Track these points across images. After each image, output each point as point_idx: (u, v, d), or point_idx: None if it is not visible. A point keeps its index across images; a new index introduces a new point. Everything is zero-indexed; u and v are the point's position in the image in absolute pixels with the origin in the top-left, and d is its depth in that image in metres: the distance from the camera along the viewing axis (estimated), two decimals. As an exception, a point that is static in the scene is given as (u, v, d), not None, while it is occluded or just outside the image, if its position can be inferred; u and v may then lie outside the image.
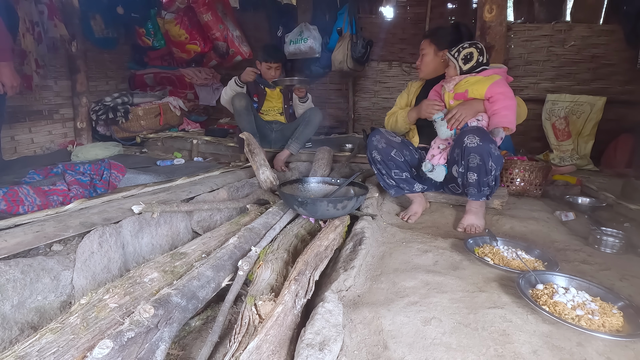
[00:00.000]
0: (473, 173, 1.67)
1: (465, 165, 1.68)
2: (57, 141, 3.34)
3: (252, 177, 2.36)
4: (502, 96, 1.69)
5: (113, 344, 0.81)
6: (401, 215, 1.91)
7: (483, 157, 1.61)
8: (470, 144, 1.62)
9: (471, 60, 1.76)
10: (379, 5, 4.19)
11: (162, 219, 1.64)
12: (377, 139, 1.90)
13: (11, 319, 1.08)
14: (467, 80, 1.77)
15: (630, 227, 1.82)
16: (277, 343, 0.90)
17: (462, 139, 1.64)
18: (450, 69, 1.82)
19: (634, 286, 1.24)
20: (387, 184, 1.95)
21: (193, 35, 4.05)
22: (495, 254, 1.41)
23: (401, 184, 1.92)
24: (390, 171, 1.90)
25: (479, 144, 1.60)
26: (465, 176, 1.71)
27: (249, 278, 1.27)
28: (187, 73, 4.30)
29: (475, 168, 1.65)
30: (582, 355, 0.90)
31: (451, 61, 1.81)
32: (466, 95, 1.77)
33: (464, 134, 1.66)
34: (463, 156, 1.66)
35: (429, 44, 1.97)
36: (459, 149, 1.67)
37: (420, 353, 0.90)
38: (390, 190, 1.96)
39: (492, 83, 1.71)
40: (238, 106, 2.72)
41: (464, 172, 1.70)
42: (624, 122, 3.22)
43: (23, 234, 1.23)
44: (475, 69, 1.77)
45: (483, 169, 1.64)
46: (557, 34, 3.47)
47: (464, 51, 1.77)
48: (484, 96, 1.73)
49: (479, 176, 1.66)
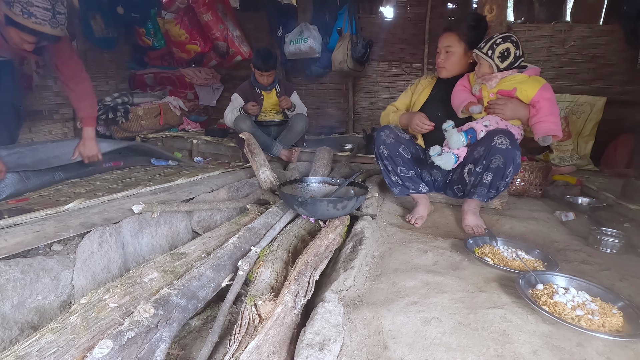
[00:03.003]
0: (490, 174, 1.65)
1: (485, 164, 1.65)
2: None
3: (252, 177, 2.36)
4: (550, 103, 1.62)
5: (113, 343, 0.81)
6: (407, 218, 1.85)
7: (506, 161, 1.60)
8: (500, 144, 1.59)
9: (509, 57, 1.63)
10: (379, 5, 4.19)
11: (162, 219, 1.64)
12: (386, 134, 1.85)
13: (11, 318, 1.08)
14: (514, 77, 1.67)
15: (630, 227, 1.82)
16: (277, 343, 0.90)
17: (492, 137, 1.61)
18: (484, 67, 1.69)
19: (634, 286, 1.24)
20: (393, 181, 1.91)
21: (193, 35, 4.05)
22: (495, 254, 1.41)
23: (407, 182, 1.87)
24: (397, 168, 1.85)
25: (508, 147, 1.59)
26: (480, 176, 1.68)
27: (249, 278, 1.27)
28: (187, 73, 4.30)
29: (494, 169, 1.63)
30: (582, 355, 0.90)
31: (484, 60, 1.67)
32: (513, 93, 1.67)
33: (494, 133, 1.62)
34: (487, 155, 1.63)
35: (457, 41, 1.79)
36: (483, 147, 1.64)
37: (420, 353, 0.90)
38: (395, 188, 1.92)
39: (542, 87, 1.63)
40: (246, 129, 2.70)
41: (481, 171, 1.67)
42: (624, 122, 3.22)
43: (23, 234, 1.23)
44: (514, 65, 1.66)
45: (501, 173, 1.63)
46: (557, 34, 3.47)
47: (498, 48, 1.63)
48: (530, 98, 1.64)
49: (493, 178, 1.65)
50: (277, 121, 3.03)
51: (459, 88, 1.83)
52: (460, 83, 1.84)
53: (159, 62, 4.45)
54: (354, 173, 2.29)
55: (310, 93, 4.46)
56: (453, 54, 1.82)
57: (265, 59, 2.83)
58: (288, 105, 2.95)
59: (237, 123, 2.78)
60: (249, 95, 2.97)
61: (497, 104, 1.69)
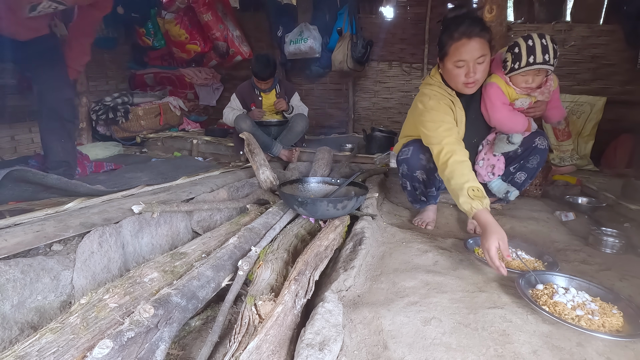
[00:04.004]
0: (524, 173, 1.69)
1: (521, 164, 1.68)
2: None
3: (252, 177, 2.36)
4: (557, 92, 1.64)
5: (113, 343, 0.81)
6: (416, 222, 1.82)
7: (541, 161, 1.65)
8: (541, 145, 1.64)
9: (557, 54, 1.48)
10: (379, 5, 4.19)
11: (162, 219, 1.64)
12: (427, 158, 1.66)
13: (11, 318, 1.08)
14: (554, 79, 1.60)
15: (630, 227, 1.82)
16: (277, 343, 0.90)
17: (534, 138, 1.64)
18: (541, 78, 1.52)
19: (634, 286, 1.24)
20: (418, 199, 1.83)
21: (193, 35, 4.05)
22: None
23: (430, 200, 1.83)
24: (427, 190, 1.78)
25: (546, 147, 1.64)
26: (512, 176, 1.71)
27: (249, 278, 1.27)
28: (187, 73, 4.31)
29: (529, 169, 1.67)
30: (582, 355, 0.90)
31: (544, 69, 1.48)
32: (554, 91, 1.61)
33: (536, 135, 1.65)
34: (527, 155, 1.66)
35: (488, 47, 1.47)
36: (525, 147, 1.65)
37: (420, 353, 0.90)
38: (417, 205, 1.87)
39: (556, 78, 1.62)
40: (246, 129, 2.71)
41: (515, 171, 1.70)
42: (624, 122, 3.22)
43: (23, 234, 1.23)
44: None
45: (533, 172, 1.68)
46: (557, 34, 3.47)
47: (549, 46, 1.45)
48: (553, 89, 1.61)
49: (526, 178, 1.69)
50: (277, 121, 3.03)
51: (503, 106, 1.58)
52: (497, 99, 1.57)
53: (159, 62, 4.45)
54: (354, 173, 2.29)
55: (310, 93, 4.45)
56: (486, 63, 1.48)
57: (262, 67, 2.86)
58: (283, 107, 2.96)
59: (237, 122, 2.79)
60: (248, 95, 2.99)
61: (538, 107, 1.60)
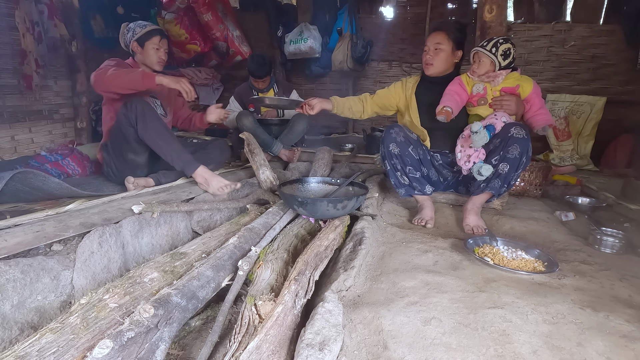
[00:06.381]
0: (506, 164, 1.68)
1: (502, 155, 1.68)
2: (57, 141, 3.33)
3: (252, 177, 2.35)
4: (539, 98, 1.80)
5: (113, 343, 0.81)
6: (415, 221, 1.81)
7: (522, 151, 1.65)
8: (517, 134, 1.65)
9: (509, 55, 1.75)
10: (379, 5, 4.20)
11: (162, 219, 1.64)
12: (396, 132, 1.84)
13: (11, 318, 1.08)
14: (512, 75, 1.78)
15: (630, 227, 1.82)
16: (277, 343, 0.90)
17: (509, 129, 1.67)
18: (485, 65, 1.78)
19: (634, 286, 1.24)
20: (400, 182, 1.89)
21: (193, 35, 4.06)
22: (495, 254, 1.41)
23: (414, 182, 1.86)
24: (406, 167, 1.84)
25: (525, 137, 1.64)
26: (496, 167, 1.71)
27: (249, 278, 1.27)
28: (187, 73, 4.31)
29: (511, 160, 1.66)
30: (582, 355, 0.90)
31: (487, 57, 1.76)
32: (517, 89, 1.77)
33: (511, 125, 1.69)
34: (504, 145, 1.67)
35: (447, 40, 1.87)
36: (500, 138, 1.69)
37: (420, 353, 0.90)
38: (401, 189, 1.90)
39: (534, 84, 1.79)
40: (248, 125, 2.71)
41: (497, 162, 1.70)
42: (624, 122, 3.23)
43: (23, 234, 1.23)
44: (511, 65, 1.78)
45: (517, 163, 1.67)
46: (557, 34, 3.47)
47: (501, 47, 1.74)
48: (527, 94, 1.77)
49: (509, 169, 1.68)
50: (279, 120, 3.04)
51: (455, 87, 1.85)
52: (457, 83, 1.86)
53: (159, 62, 4.45)
54: (354, 173, 2.29)
55: (311, 93, 4.45)
56: (442, 51, 1.88)
57: (257, 66, 2.91)
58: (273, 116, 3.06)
59: (239, 118, 2.78)
60: (246, 96, 3.03)
61: (505, 100, 1.76)
